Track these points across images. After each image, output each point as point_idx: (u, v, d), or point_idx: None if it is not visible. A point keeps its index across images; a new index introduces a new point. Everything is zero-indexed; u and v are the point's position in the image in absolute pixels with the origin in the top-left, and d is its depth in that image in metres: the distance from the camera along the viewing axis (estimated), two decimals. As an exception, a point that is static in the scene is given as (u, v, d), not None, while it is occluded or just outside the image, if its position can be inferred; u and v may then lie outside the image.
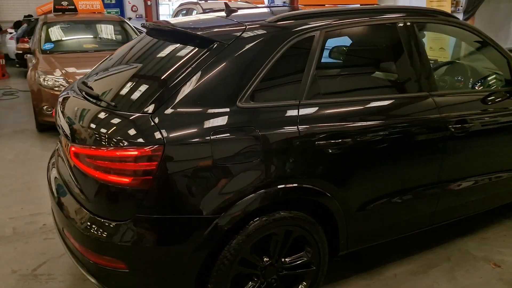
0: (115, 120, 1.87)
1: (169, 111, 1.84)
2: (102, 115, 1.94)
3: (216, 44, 2.04)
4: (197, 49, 2.07)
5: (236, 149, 1.89)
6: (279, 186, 1.99)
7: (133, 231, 1.83)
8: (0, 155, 4.95)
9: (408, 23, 2.47)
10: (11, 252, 2.98)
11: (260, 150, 1.93)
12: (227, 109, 1.92)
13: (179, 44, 2.23)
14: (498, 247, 3.05)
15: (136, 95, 1.97)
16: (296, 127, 2.03)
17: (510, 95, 2.87)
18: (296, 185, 2.05)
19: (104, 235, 1.86)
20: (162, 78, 1.99)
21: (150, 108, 1.85)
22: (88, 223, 1.92)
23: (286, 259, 2.19)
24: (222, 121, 1.89)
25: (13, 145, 5.30)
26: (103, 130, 1.86)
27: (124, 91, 2.05)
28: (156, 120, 1.81)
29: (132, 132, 1.80)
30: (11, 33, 12.08)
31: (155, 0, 16.11)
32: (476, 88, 2.97)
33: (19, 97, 8.07)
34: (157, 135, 1.78)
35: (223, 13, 2.54)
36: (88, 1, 7.48)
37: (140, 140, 1.78)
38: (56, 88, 5.27)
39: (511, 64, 2.89)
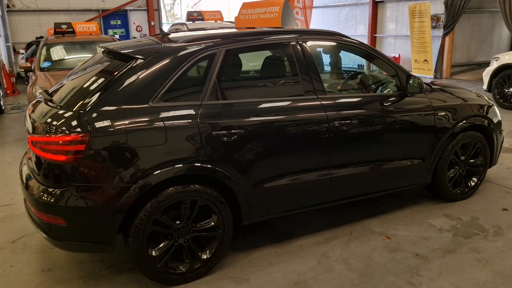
0: (58, 116, 2.59)
1: (96, 109, 2.54)
2: (51, 113, 2.66)
3: (138, 60, 2.75)
4: (124, 63, 2.78)
5: (146, 136, 2.58)
6: (181, 165, 2.66)
7: (68, 196, 2.52)
8: (0, 158, 5.75)
9: (299, 42, 3.15)
10: (-2, 229, 3.71)
11: (165, 137, 2.62)
12: (141, 108, 2.62)
13: (116, 60, 2.95)
14: (397, 225, 3.64)
15: (75, 98, 2.69)
16: (197, 121, 2.71)
17: (399, 98, 3.51)
18: (198, 164, 2.72)
19: (50, 199, 2.55)
20: (95, 85, 2.71)
21: (83, 107, 2.55)
22: (41, 193, 2.61)
23: (197, 223, 2.84)
24: (136, 116, 2.59)
25: (13, 151, 6.10)
26: (50, 123, 2.58)
27: (68, 95, 2.77)
28: (86, 116, 2.52)
29: (68, 124, 2.51)
30: (22, 53, 13.14)
31: (158, 20, 17.10)
32: (372, 92, 3.62)
33: (24, 111, 8.94)
34: (86, 126, 2.48)
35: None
36: (85, 24, 8.37)
37: (73, 129, 2.48)
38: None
39: (399, 73, 3.53)
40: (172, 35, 3.26)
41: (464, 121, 3.75)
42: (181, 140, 2.67)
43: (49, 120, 2.61)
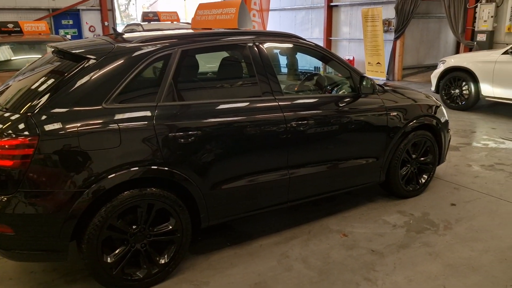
0: (4, 119, 2.45)
1: (45, 111, 2.43)
2: (-4, 116, 2.52)
3: (90, 60, 2.66)
4: (76, 64, 2.68)
5: (99, 139, 2.50)
6: (137, 168, 2.59)
7: (16, 203, 2.39)
8: None
9: (256, 43, 3.17)
10: None
11: (120, 139, 2.54)
12: (93, 109, 2.53)
13: (66, 61, 2.84)
14: (353, 222, 3.73)
15: (22, 100, 2.56)
16: (152, 123, 2.65)
17: (353, 99, 3.60)
18: (154, 167, 2.66)
19: (-4, 207, 2.41)
20: (45, 86, 2.59)
21: (31, 109, 2.43)
22: (-14, 200, 2.46)
23: (154, 227, 2.77)
24: (88, 118, 2.50)
25: (-46, 157, 5.72)
26: (-6, 126, 2.44)
27: (15, 97, 2.64)
28: (34, 118, 2.40)
29: (15, 127, 2.38)
30: (-36, 53, 12.37)
31: (112, 21, 16.65)
32: (328, 93, 3.70)
33: (-32, 114, 8.42)
34: (34, 129, 2.37)
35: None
36: (34, 23, 8.00)
37: (20, 132, 2.36)
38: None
39: (352, 75, 3.63)
40: (126, 35, 3.18)
41: (414, 121, 3.91)
42: (136, 143, 2.60)
43: (-7, 123, 2.47)
